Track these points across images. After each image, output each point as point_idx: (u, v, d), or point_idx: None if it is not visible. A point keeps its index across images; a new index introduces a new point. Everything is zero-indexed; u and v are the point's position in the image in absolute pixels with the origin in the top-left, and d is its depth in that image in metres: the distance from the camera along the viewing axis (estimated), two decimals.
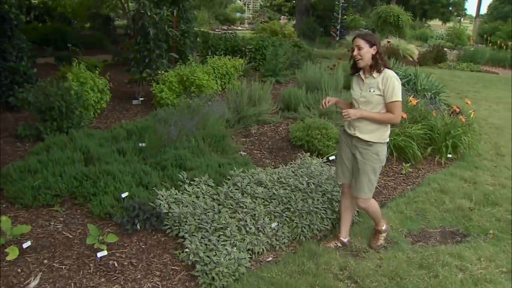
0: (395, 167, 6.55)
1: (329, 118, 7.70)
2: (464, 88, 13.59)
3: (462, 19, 47.05)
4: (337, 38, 22.00)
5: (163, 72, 8.54)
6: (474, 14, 46.44)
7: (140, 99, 8.88)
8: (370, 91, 4.06)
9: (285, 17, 37.69)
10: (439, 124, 7.01)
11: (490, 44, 22.68)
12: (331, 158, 6.35)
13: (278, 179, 5.02)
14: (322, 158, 6.18)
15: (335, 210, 4.77)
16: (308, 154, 6.11)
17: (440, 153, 6.92)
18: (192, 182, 4.84)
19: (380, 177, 6.01)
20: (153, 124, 6.29)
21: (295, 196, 4.71)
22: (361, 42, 4.05)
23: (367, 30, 26.19)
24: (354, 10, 28.83)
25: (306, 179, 4.97)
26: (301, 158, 5.84)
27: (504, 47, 21.31)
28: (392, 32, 22.21)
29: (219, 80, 9.64)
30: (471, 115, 7.40)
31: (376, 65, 4.06)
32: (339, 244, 4.50)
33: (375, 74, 4.07)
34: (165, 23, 8.82)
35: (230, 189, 4.70)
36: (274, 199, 4.69)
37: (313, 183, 4.90)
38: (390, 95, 4.00)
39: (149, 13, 8.36)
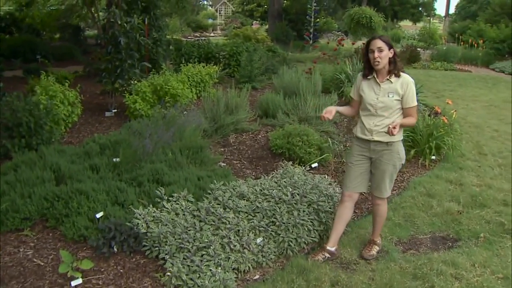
0: None
1: (309, 123, 7.52)
2: (440, 88, 13.58)
3: (432, 19, 47.55)
4: (311, 42, 21.93)
5: (136, 82, 8.25)
6: (443, 14, 47.16)
7: (113, 110, 8.58)
8: (389, 96, 4.02)
9: (258, 22, 37.58)
10: (421, 126, 6.88)
11: (461, 43, 22.86)
12: (313, 165, 6.17)
13: (261, 191, 4.79)
14: (304, 166, 5.99)
15: (322, 221, 4.58)
16: (290, 162, 5.90)
17: (423, 155, 6.79)
18: (170, 198, 4.58)
19: None
20: (127, 137, 6.01)
21: (279, 208, 4.49)
22: (382, 44, 3.96)
23: (340, 32, 26.29)
24: (325, 13, 28.80)
25: (290, 189, 4.75)
26: (283, 167, 5.63)
27: (475, 45, 21.49)
28: (365, 34, 22.17)
29: (194, 88, 9.39)
30: (453, 115, 7.29)
31: (394, 69, 4.02)
32: (327, 255, 4.31)
33: (393, 79, 4.02)
34: (136, 31, 8.54)
35: (211, 204, 4.46)
36: (258, 212, 4.47)
37: (298, 194, 4.69)
38: (411, 100, 4.03)
39: (119, 22, 8.09)
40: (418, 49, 21.38)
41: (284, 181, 5.01)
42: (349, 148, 6.74)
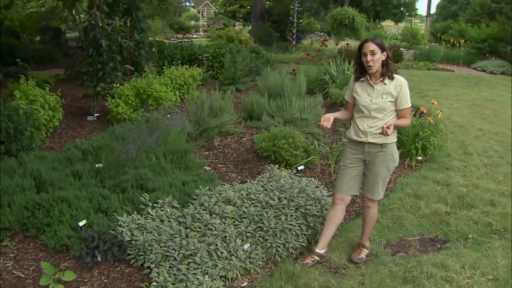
0: None
1: (294, 125, 7.45)
2: (424, 87, 13.61)
3: (413, 19, 47.87)
4: (294, 42, 21.89)
5: (118, 85, 8.12)
6: (424, 14, 47.51)
7: (96, 114, 8.43)
8: (382, 97, 4.00)
9: (240, 23, 37.48)
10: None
11: (443, 43, 23.01)
12: (299, 168, 6.11)
13: (248, 195, 4.71)
14: (290, 169, 5.91)
15: (310, 225, 4.50)
16: (276, 166, 5.83)
17: (410, 156, 6.76)
18: (155, 205, 4.48)
19: None
20: (110, 142, 5.88)
21: (267, 213, 4.41)
22: (374, 47, 3.92)
23: (322, 33, 26.30)
24: (308, 13, 28.77)
25: (277, 194, 4.67)
26: (269, 171, 5.55)
27: (457, 45, 21.64)
28: (348, 34, 22.23)
29: (177, 91, 9.27)
30: (439, 116, 7.27)
31: (387, 71, 3.99)
32: (316, 258, 4.24)
33: (386, 81, 4.00)
34: (118, 34, 8.40)
35: (197, 210, 4.37)
36: (245, 218, 4.38)
37: (285, 198, 4.62)
38: (405, 102, 4.02)
39: (100, 24, 7.94)
40: (401, 49, 21.47)
41: (271, 185, 4.93)
42: (335, 150, 6.72)
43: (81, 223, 4.18)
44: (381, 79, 4.00)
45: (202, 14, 45.82)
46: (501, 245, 4.72)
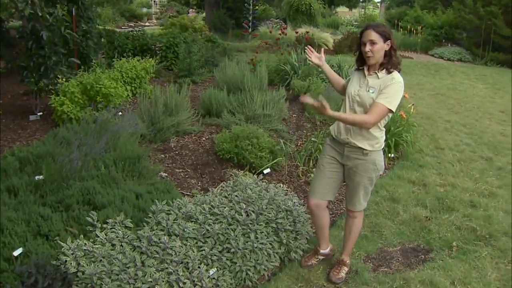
0: None
1: (257, 122, 6.93)
2: None
3: (366, 5, 47.95)
4: (250, 30, 21.29)
5: (64, 81, 7.36)
6: (377, 0, 47.62)
7: (39, 114, 7.65)
8: (369, 91, 3.44)
9: (194, 10, 36.49)
10: None
11: (400, 29, 22.90)
12: (265, 171, 5.60)
13: (211, 209, 4.15)
14: (255, 173, 5.41)
15: (283, 242, 4.00)
16: (241, 172, 5.31)
17: None
18: (105, 225, 3.88)
19: None
20: (52, 148, 5.20)
21: (233, 231, 3.87)
22: (375, 37, 3.35)
23: (278, 20, 25.77)
24: (263, 0, 28.16)
25: (244, 206, 4.14)
26: (233, 178, 5.00)
27: (414, 31, 21.56)
28: (305, 21, 21.84)
29: (129, 85, 8.58)
30: (411, 110, 6.87)
31: (388, 63, 3.42)
32: (320, 257, 4.10)
33: (381, 74, 3.44)
34: (61, 24, 7.60)
35: (153, 231, 3.78)
36: (209, 237, 3.83)
37: (253, 211, 4.09)
38: (382, 95, 3.37)
39: (40, 14, 7.15)
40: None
41: (236, 196, 4.38)
42: (303, 149, 6.23)
43: (16, 253, 3.53)
44: (377, 70, 3.47)
45: (154, 1, 44.46)
46: (489, 253, 4.37)
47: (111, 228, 3.86)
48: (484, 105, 10.52)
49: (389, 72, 3.44)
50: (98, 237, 3.74)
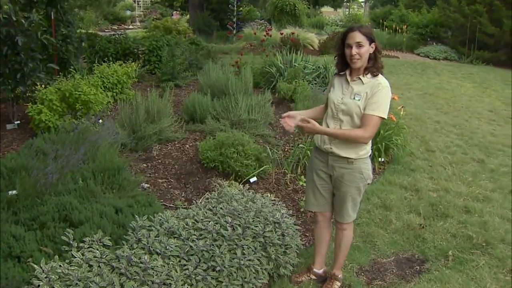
0: None
1: (242, 128, 6.72)
2: None
3: (351, 4, 47.95)
4: (234, 32, 21.06)
5: (42, 88, 7.07)
6: (361, 0, 47.67)
7: (17, 122, 7.37)
8: (355, 98, 3.22)
9: (178, 12, 36.14)
10: None
11: (385, 29, 22.83)
12: (252, 180, 5.38)
13: (194, 224, 3.91)
14: (241, 182, 5.20)
15: (271, 257, 3.78)
16: (227, 182, 5.08)
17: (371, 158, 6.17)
18: (82, 245, 3.63)
19: None
20: (27, 160, 4.93)
21: (219, 247, 3.64)
22: (362, 38, 3.16)
23: (263, 21, 25.58)
24: (248, 1, 27.93)
25: (230, 220, 3.92)
26: (218, 189, 4.77)
27: (399, 30, 21.49)
28: (290, 22, 21.69)
29: (110, 91, 8.32)
30: (401, 112, 6.69)
31: (373, 66, 3.23)
32: (312, 277, 3.85)
33: (365, 79, 3.23)
34: (37, 29, 7.32)
35: (133, 250, 3.54)
36: (193, 255, 3.60)
37: (239, 225, 3.87)
38: (371, 105, 3.17)
39: (14, 18, 6.87)
40: None
41: (221, 208, 4.15)
42: (290, 155, 6.03)
43: None
44: (362, 75, 3.26)
45: (138, 4, 44.03)
46: (487, 263, 4.19)
47: (88, 247, 3.61)
48: (473, 105, 10.41)
49: (374, 76, 3.24)
50: (75, 257, 3.49)
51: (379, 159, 6.12)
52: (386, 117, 3.25)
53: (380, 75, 3.25)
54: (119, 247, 3.62)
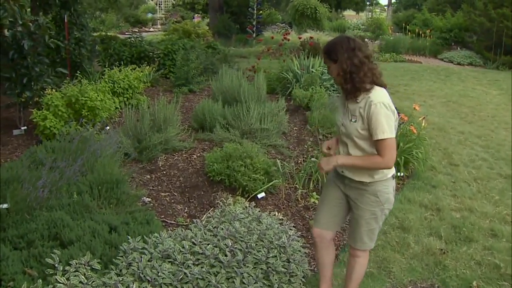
0: None
1: (253, 138, 6.40)
2: (394, 82, 12.62)
3: (374, 8, 47.41)
4: (254, 35, 20.79)
5: (51, 93, 6.84)
6: (384, 3, 47.09)
7: (23, 128, 7.16)
8: (352, 120, 2.96)
9: (199, 15, 36.03)
10: None
11: (408, 33, 22.31)
12: (259, 196, 5.05)
13: (191, 247, 3.60)
14: (248, 198, 4.87)
15: (274, 286, 3.44)
16: (233, 197, 4.76)
17: None
18: (68, 268, 3.35)
19: None
20: (22, 171, 4.66)
21: (216, 275, 3.33)
22: (325, 59, 2.97)
23: (284, 24, 25.27)
24: (269, 4, 27.68)
25: (230, 243, 3.60)
26: (221, 206, 4.44)
27: (422, 35, 20.95)
28: (310, 25, 21.33)
29: (120, 96, 8.07)
30: (422, 124, 6.28)
31: (353, 87, 2.91)
32: None
33: (360, 97, 2.92)
34: (44, 32, 7.09)
35: (121, 277, 3.24)
36: (186, 283, 3.28)
37: (240, 250, 3.55)
38: (375, 130, 2.84)
39: (20, 22, 6.66)
40: (366, 40, 20.64)
41: (222, 229, 3.84)
42: (302, 168, 5.69)
43: None
44: (354, 95, 2.94)
45: (159, 7, 44.06)
46: None
47: (74, 271, 3.32)
48: (499, 113, 9.90)
49: (366, 90, 2.90)
50: (59, 282, 3.20)
51: (399, 173, 5.73)
52: (394, 135, 2.89)
53: (373, 88, 2.92)
54: (108, 272, 3.32)
